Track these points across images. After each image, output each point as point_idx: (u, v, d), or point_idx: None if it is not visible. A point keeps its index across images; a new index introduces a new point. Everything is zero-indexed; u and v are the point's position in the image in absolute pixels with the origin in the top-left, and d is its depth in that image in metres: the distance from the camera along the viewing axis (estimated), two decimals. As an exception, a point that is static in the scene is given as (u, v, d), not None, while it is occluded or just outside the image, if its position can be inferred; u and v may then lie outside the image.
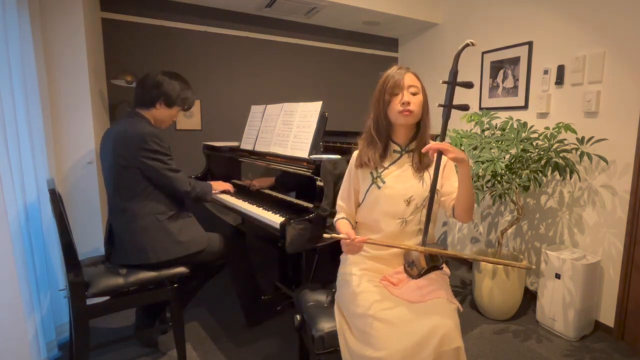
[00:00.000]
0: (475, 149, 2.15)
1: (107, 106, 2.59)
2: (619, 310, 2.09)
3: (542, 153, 2.11)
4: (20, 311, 1.45)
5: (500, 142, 2.14)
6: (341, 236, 1.19)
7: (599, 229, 2.17)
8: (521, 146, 2.07)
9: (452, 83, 1.23)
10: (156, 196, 1.72)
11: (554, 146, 2.10)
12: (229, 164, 2.53)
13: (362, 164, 1.35)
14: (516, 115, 2.43)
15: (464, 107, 1.26)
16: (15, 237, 1.49)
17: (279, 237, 1.60)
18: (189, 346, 1.94)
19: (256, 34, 3.05)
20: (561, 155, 2.07)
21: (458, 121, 2.60)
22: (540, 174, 2.07)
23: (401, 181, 1.31)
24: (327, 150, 1.97)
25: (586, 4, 2.16)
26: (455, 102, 1.25)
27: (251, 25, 3.02)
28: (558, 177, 2.29)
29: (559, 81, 2.31)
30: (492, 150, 2.11)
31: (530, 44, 2.47)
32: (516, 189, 2.13)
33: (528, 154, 2.12)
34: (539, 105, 2.43)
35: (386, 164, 1.34)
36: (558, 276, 2.11)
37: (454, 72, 1.23)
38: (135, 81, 2.31)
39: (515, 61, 2.58)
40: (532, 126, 2.22)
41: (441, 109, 1.26)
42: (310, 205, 1.72)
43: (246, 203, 2.02)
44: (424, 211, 1.30)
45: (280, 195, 2.01)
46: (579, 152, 2.09)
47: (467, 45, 1.20)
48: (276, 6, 2.80)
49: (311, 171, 1.72)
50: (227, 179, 2.49)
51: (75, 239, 1.55)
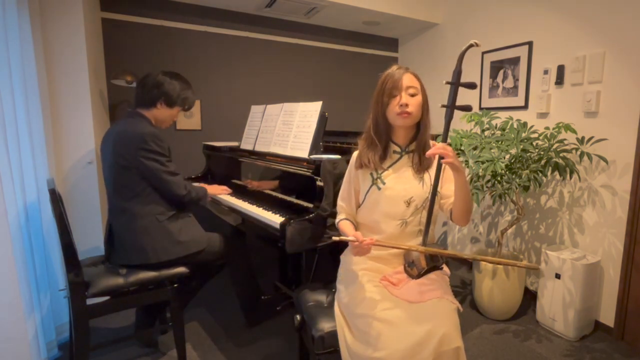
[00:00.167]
0: (475, 149, 2.15)
1: (107, 106, 2.59)
2: (619, 310, 2.09)
3: (542, 153, 2.11)
4: (20, 311, 1.45)
5: (500, 142, 2.14)
6: (350, 238, 1.18)
7: (599, 229, 2.17)
8: (521, 146, 2.07)
9: (456, 84, 1.21)
10: (156, 196, 1.72)
11: (554, 146, 2.10)
12: (229, 164, 2.53)
13: (362, 165, 1.35)
14: (516, 115, 2.43)
15: (467, 108, 1.25)
16: (15, 237, 1.49)
17: (279, 237, 1.60)
18: (189, 346, 1.94)
19: (256, 34, 3.05)
20: (561, 155, 2.07)
21: (458, 121, 2.60)
22: (540, 174, 2.07)
23: (401, 182, 1.31)
24: (327, 150, 1.97)
25: (586, 4, 2.16)
26: (456, 102, 1.23)
27: (251, 25, 3.02)
28: (558, 177, 2.29)
29: (559, 81, 2.31)
30: (492, 150, 2.11)
31: (530, 44, 2.47)
32: (516, 189, 2.13)
33: (528, 154, 2.12)
34: (539, 105, 2.43)
35: (386, 164, 1.34)
36: (558, 276, 2.11)
37: (457, 72, 1.21)
38: (135, 81, 2.31)
39: (515, 61, 2.58)
40: (532, 126, 2.22)
41: (442, 108, 1.25)
42: (310, 205, 1.72)
43: (246, 203, 2.02)
44: (424, 212, 1.30)
45: (280, 195, 2.01)
46: (579, 152, 2.09)
47: (471, 45, 1.18)
48: (276, 6, 2.80)
49: (311, 171, 1.72)
50: (227, 179, 2.49)
51: (75, 239, 1.55)
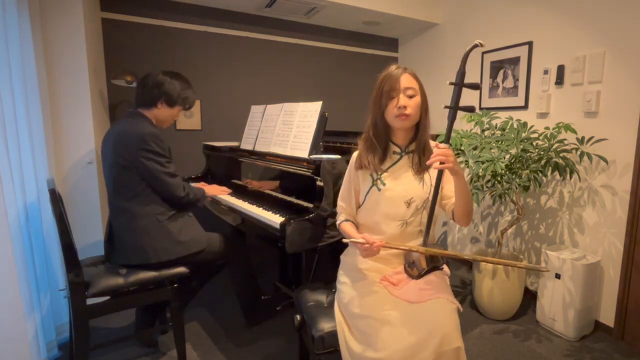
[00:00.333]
0: (475, 149, 2.15)
1: (107, 106, 2.59)
2: (619, 310, 2.09)
3: (542, 153, 2.11)
4: (20, 311, 1.45)
5: (500, 142, 2.14)
6: (360, 241, 1.18)
7: (599, 229, 2.17)
8: (521, 146, 2.07)
9: (459, 84, 1.19)
10: (156, 196, 1.72)
11: (554, 146, 2.10)
12: (229, 164, 2.53)
13: (362, 166, 1.34)
14: (516, 115, 2.43)
15: (470, 109, 1.23)
16: (15, 237, 1.49)
17: (279, 237, 1.60)
18: (189, 346, 1.94)
19: (256, 34, 3.05)
20: (561, 155, 2.07)
21: (458, 121, 2.56)
22: (540, 174, 2.07)
23: (401, 183, 1.31)
24: (327, 150, 1.97)
25: (586, 4, 2.16)
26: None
27: (251, 25, 3.02)
28: (558, 177, 2.29)
29: (559, 81, 2.31)
30: (492, 150, 2.11)
31: (530, 44, 2.47)
32: (516, 189, 2.13)
33: (528, 154, 2.12)
34: (539, 105, 2.43)
35: (386, 165, 1.33)
36: (558, 276, 2.11)
37: (461, 73, 1.19)
38: (135, 81, 2.31)
39: (515, 61, 2.58)
40: (532, 126, 2.22)
41: (442, 108, 1.25)
42: (310, 205, 1.72)
43: (246, 203, 2.02)
44: (425, 212, 1.30)
45: (280, 195, 2.01)
46: (579, 152, 2.09)
47: (475, 45, 1.16)
48: (276, 6, 2.80)
49: (311, 171, 1.72)
50: (227, 179, 2.49)
51: (75, 239, 1.56)
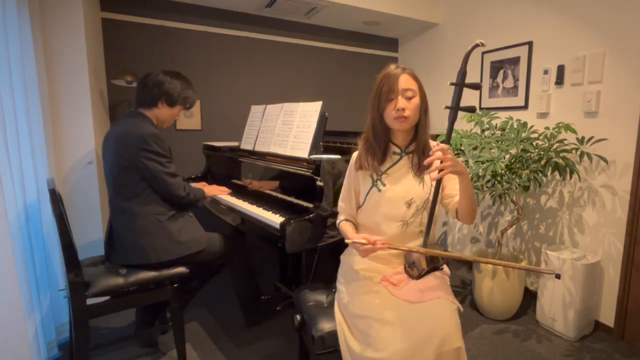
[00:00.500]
0: (475, 149, 2.15)
1: (107, 106, 2.59)
2: (619, 310, 2.09)
3: (542, 153, 2.11)
4: (20, 311, 1.45)
5: (500, 142, 2.14)
6: (361, 241, 1.18)
7: (599, 229, 2.17)
8: (521, 146, 2.07)
9: (460, 84, 1.19)
10: (156, 197, 1.72)
11: (554, 146, 2.10)
12: (229, 164, 2.53)
13: (361, 167, 1.34)
14: (516, 115, 2.43)
15: (471, 109, 1.23)
16: (15, 237, 1.49)
17: (279, 237, 1.60)
18: (189, 346, 1.94)
19: (256, 34, 3.05)
20: (561, 155, 2.07)
21: (458, 121, 2.56)
22: (540, 174, 2.07)
23: (401, 184, 1.30)
24: (327, 150, 1.97)
25: (586, 4, 2.16)
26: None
27: (251, 25, 3.02)
28: (558, 177, 2.29)
29: (559, 81, 2.31)
30: (492, 150, 2.11)
31: (530, 44, 2.47)
32: (516, 189, 2.13)
33: (528, 154, 2.12)
34: (539, 105, 2.43)
35: (386, 166, 1.33)
36: (558, 276, 2.10)
37: (462, 73, 1.18)
38: (135, 81, 2.31)
39: (515, 61, 2.58)
40: (532, 126, 2.22)
41: (442, 108, 1.25)
42: (310, 205, 1.72)
43: (246, 203, 2.02)
44: (425, 213, 1.30)
45: (280, 195, 2.01)
46: (579, 152, 2.09)
47: (477, 45, 1.16)
48: (276, 6, 2.80)
49: (311, 171, 1.72)
50: (227, 179, 2.49)
51: (75, 239, 1.56)
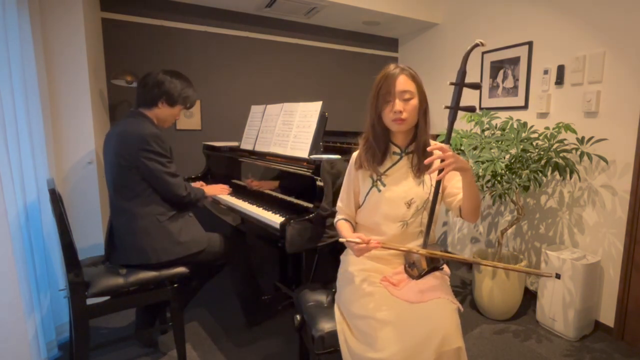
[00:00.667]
0: (475, 149, 2.15)
1: (107, 106, 2.59)
2: (619, 310, 2.09)
3: (542, 153, 2.11)
4: (20, 311, 1.45)
5: (500, 142, 2.14)
6: (356, 240, 1.18)
7: (599, 229, 2.17)
8: (521, 146, 2.07)
9: (460, 84, 1.19)
10: (157, 197, 1.72)
11: (554, 146, 2.10)
12: (229, 164, 2.53)
13: (361, 166, 1.35)
14: (516, 115, 2.43)
15: (471, 109, 1.23)
16: (15, 237, 1.49)
17: (279, 237, 1.60)
18: (189, 346, 1.94)
19: (256, 34, 3.05)
20: (561, 155, 2.07)
21: (458, 121, 2.56)
22: (540, 174, 2.07)
23: (401, 184, 1.30)
24: (327, 150, 1.97)
25: (586, 4, 2.16)
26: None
27: (251, 25, 3.02)
28: (558, 177, 2.29)
29: (559, 81, 2.31)
30: (492, 150, 2.11)
31: (530, 44, 2.47)
32: (516, 189, 2.13)
33: (528, 154, 2.12)
34: (539, 105, 2.43)
35: (386, 166, 1.33)
36: (558, 276, 2.11)
37: (462, 73, 1.18)
38: (135, 81, 2.31)
39: (515, 61, 2.58)
40: (532, 126, 2.22)
41: (442, 108, 1.24)
42: (310, 205, 1.72)
43: (246, 203, 2.02)
44: (425, 213, 1.29)
45: (280, 195, 2.01)
46: (579, 152, 2.09)
47: (476, 45, 1.16)
48: (276, 6, 2.80)
49: (311, 171, 1.72)
50: (227, 179, 2.49)
51: (75, 239, 1.55)
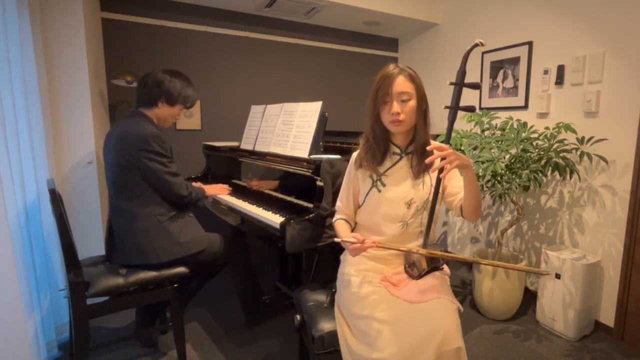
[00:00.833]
0: (475, 149, 2.15)
1: (107, 106, 2.59)
2: (619, 310, 2.09)
3: (542, 153, 2.11)
4: (20, 311, 1.45)
5: (500, 142, 2.14)
6: (351, 240, 1.18)
7: (599, 229, 2.17)
8: (521, 146, 2.07)
9: (460, 84, 1.19)
10: (157, 197, 1.72)
11: (554, 146, 2.10)
12: (229, 164, 2.53)
13: (361, 166, 1.35)
14: (516, 115, 2.43)
15: (471, 109, 1.23)
16: (15, 237, 1.49)
17: (279, 237, 1.60)
18: (189, 346, 1.94)
19: (256, 34, 3.05)
20: (561, 155, 2.07)
21: (458, 121, 2.56)
22: (540, 174, 2.07)
23: (401, 184, 1.30)
24: (327, 150, 1.97)
25: (586, 4, 2.16)
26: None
27: (251, 25, 3.02)
28: (558, 177, 2.29)
29: (559, 81, 2.31)
30: (492, 150, 2.11)
31: (530, 44, 2.47)
32: (516, 189, 2.13)
33: (528, 154, 2.12)
34: (539, 105, 2.43)
35: (386, 166, 1.33)
36: (558, 276, 2.11)
37: (462, 73, 1.18)
38: (135, 81, 2.31)
39: (515, 61, 2.58)
40: (532, 126, 2.22)
41: (442, 108, 1.24)
42: (310, 205, 1.72)
43: (246, 203, 2.02)
44: (425, 213, 1.29)
45: (280, 195, 2.01)
46: (579, 152, 2.09)
47: (476, 45, 1.16)
48: (276, 6, 2.80)
49: (311, 171, 1.72)
50: (227, 179, 2.49)
51: (75, 239, 1.55)
